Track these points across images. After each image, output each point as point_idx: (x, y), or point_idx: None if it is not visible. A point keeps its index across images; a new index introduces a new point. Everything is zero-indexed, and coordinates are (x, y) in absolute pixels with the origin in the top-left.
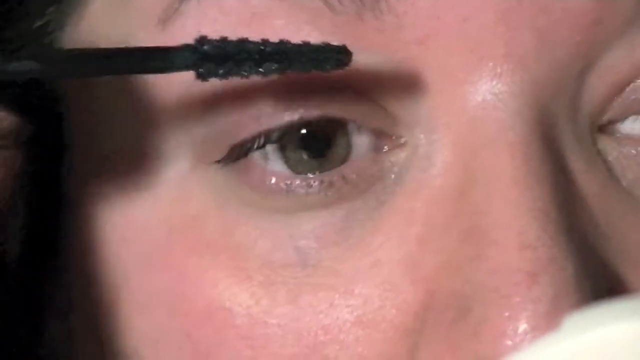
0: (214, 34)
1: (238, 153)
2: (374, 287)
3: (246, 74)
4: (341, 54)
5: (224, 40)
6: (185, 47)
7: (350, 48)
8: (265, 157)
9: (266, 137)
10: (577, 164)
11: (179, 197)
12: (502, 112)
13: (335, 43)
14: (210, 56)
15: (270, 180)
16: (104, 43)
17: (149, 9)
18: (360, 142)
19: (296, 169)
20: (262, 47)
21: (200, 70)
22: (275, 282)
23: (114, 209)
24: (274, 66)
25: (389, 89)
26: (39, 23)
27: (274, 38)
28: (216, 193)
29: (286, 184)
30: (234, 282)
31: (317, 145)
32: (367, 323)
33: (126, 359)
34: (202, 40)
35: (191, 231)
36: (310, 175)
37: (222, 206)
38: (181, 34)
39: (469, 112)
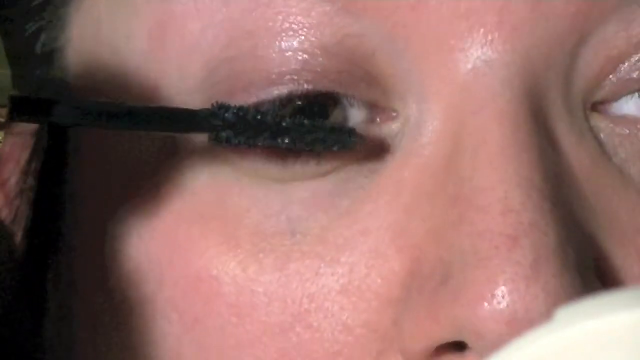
0: (217, 25)
1: None
2: (360, 255)
3: (260, 144)
4: (350, 137)
5: (242, 108)
6: (208, 112)
7: (345, 12)
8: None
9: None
10: (567, 138)
11: (169, 166)
12: (492, 80)
13: (329, 7)
14: (230, 123)
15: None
16: (105, 15)
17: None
18: (355, 114)
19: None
20: (278, 121)
21: (219, 135)
22: (263, 250)
23: (103, 178)
24: (287, 141)
25: (381, 57)
26: (33, 28)
27: (269, 3)
28: (208, 162)
29: (278, 155)
30: (222, 250)
31: (312, 116)
32: (352, 291)
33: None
34: (223, 106)
35: (181, 199)
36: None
37: (215, 175)
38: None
39: (459, 80)
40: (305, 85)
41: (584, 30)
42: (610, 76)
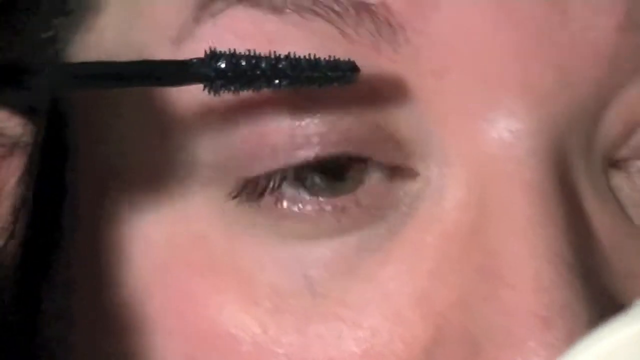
0: None
1: (251, 189)
2: (383, 319)
3: (258, 89)
4: (350, 71)
5: (236, 55)
6: (200, 61)
7: (365, 77)
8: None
9: (282, 174)
10: (591, 203)
11: (185, 215)
12: (518, 150)
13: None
14: (223, 71)
15: (283, 203)
16: (114, 57)
17: (164, 29)
18: (375, 171)
19: (310, 191)
20: (273, 63)
21: (213, 84)
22: (283, 311)
23: (116, 223)
24: (285, 82)
25: (403, 119)
26: (47, 34)
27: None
28: (224, 214)
29: (299, 208)
30: (240, 308)
31: (331, 170)
32: (374, 356)
33: None
34: (215, 55)
35: (196, 251)
36: (323, 199)
37: (231, 228)
38: (194, 56)
39: (484, 148)
40: (330, 148)
41: (606, 94)
42: (631, 136)
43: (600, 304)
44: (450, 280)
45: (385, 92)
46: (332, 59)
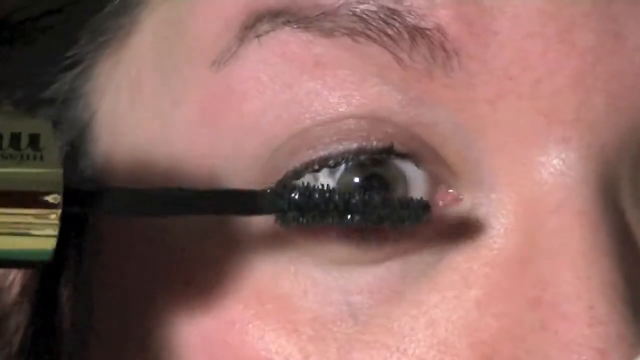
0: (273, 80)
1: None
2: (428, 347)
3: (329, 224)
4: (422, 209)
5: (309, 188)
6: (273, 192)
7: (418, 101)
8: None
9: (320, 164)
10: (638, 229)
11: (225, 241)
12: (570, 179)
13: (401, 96)
14: (297, 205)
15: (324, 227)
16: (147, 76)
17: (203, 50)
18: (418, 191)
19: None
20: (347, 198)
21: (286, 216)
22: (325, 338)
23: (151, 243)
24: (357, 218)
25: (451, 146)
26: (74, 51)
27: (338, 88)
28: (266, 239)
29: (342, 232)
30: (281, 334)
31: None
32: None
33: None
34: (289, 187)
35: (239, 279)
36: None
37: (272, 254)
38: (237, 77)
39: (534, 176)
40: (375, 143)
41: None
42: None
43: None
44: (499, 309)
45: (436, 118)
46: (405, 197)
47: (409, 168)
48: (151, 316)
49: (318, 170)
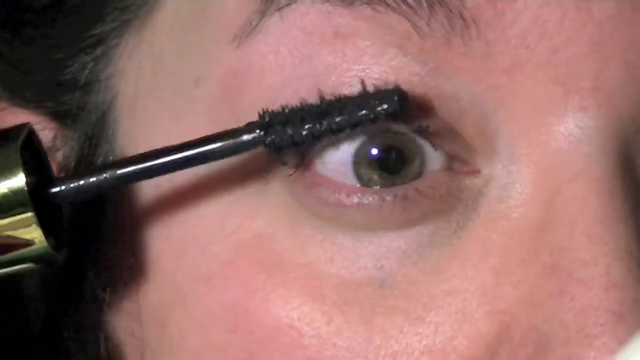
0: (292, 53)
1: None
2: (446, 316)
3: (311, 133)
4: (399, 97)
5: (283, 107)
6: (250, 125)
7: (437, 73)
8: (337, 173)
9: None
10: None
11: (247, 213)
12: (588, 147)
13: (419, 67)
14: (273, 123)
15: (341, 193)
16: (170, 54)
17: (225, 24)
18: (435, 163)
19: (368, 184)
20: (319, 104)
21: (269, 140)
22: (349, 302)
23: (170, 222)
24: (337, 120)
25: (469, 117)
26: (97, 30)
27: (357, 61)
28: (288, 210)
29: (358, 197)
30: (306, 300)
31: (389, 165)
32: (437, 353)
33: None
34: (265, 114)
35: (260, 248)
36: (382, 189)
37: (295, 223)
38: (257, 52)
39: (552, 145)
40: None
41: None
42: None
43: None
44: (517, 277)
45: (454, 90)
46: (376, 89)
47: (426, 141)
48: (170, 288)
49: (338, 137)
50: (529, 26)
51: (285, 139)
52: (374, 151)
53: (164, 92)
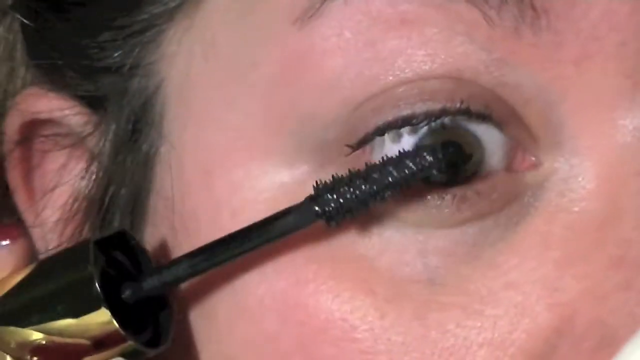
0: (356, 37)
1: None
2: (505, 309)
3: (364, 203)
4: (436, 152)
5: (334, 182)
6: (302, 204)
7: (503, 62)
8: None
9: (403, 122)
10: None
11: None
12: None
13: (486, 56)
14: (322, 193)
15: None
16: (223, 39)
17: (286, 7)
18: (494, 160)
19: (428, 181)
20: (369, 171)
21: (323, 213)
22: (401, 298)
23: (222, 213)
24: (387, 192)
25: (533, 108)
26: (146, 14)
27: (423, 46)
28: None
29: (418, 194)
30: (357, 294)
31: (448, 161)
32: (495, 346)
33: None
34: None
35: (312, 239)
36: (442, 188)
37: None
38: (320, 34)
39: (618, 139)
40: (459, 104)
41: None
42: None
43: None
44: (580, 270)
45: (520, 79)
46: (415, 147)
47: (487, 133)
48: (219, 277)
49: (401, 127)
50: (599, 18)
51: (338, 212)
52: (434, 147)
53: (216, 77)
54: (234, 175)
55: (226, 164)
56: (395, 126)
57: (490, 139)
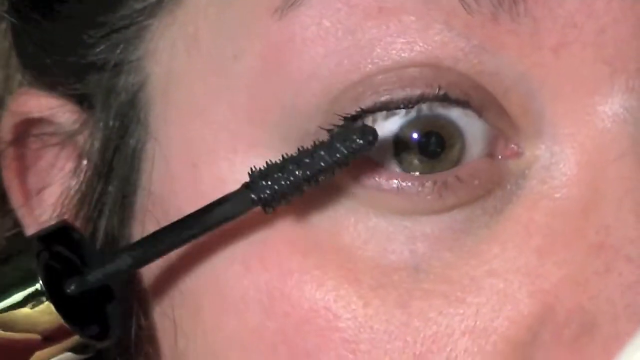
0: (336, 26)
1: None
2: (487, 297)
3: (298, 189)
4: (367, 134)
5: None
6: (238, 191)
7: (481, 49)
8: (376, 156)
9: (381, 107)
10: None
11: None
12: (633, 127)
13: (464, 43)
14: (257, 180)
15: (381, 177)
16: (205, 33)
17: None
18: (475, 148)
19: (408, 170)
20: (301, 156)
21: (259, 199)
22: (385, 286)
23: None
24: (320, 177)
25: (513, 96)
26: (128, 10)
27: (401, 35)
28: (324, 191)
29: (397, 182)
30: (341, 283)
31: (430, 150)
32: (477, 334)
33: None
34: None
35: (295, 230)
36: (422, 175)
37: (330, 205)
38: (300, 24)
39: (597, 125)
40: (438, 90)
41: None
42: None
43: None
44: (561, 256)
45: (499, 67)
46: (342, 130)
47: (467, 123)
48: (204, 270)
49: (379, 111)
50: (577, 5)
51: (272, 196)
52: (415, 135)
53: (199, 71)
54: (219, 169)
55: (211, 158)
56: (373, 111)
57: (471, 129)
